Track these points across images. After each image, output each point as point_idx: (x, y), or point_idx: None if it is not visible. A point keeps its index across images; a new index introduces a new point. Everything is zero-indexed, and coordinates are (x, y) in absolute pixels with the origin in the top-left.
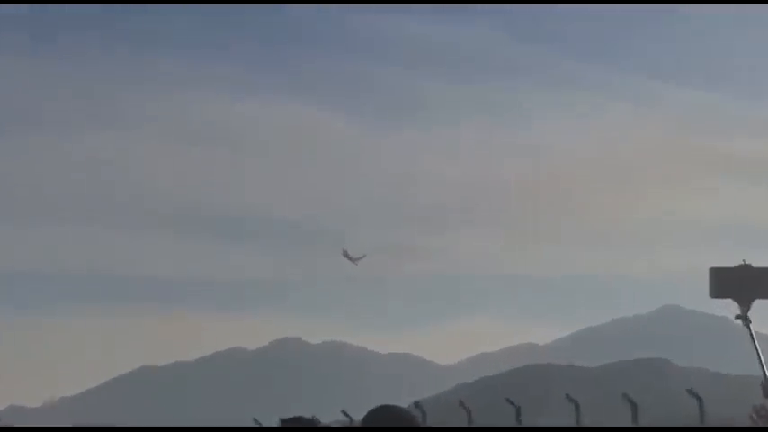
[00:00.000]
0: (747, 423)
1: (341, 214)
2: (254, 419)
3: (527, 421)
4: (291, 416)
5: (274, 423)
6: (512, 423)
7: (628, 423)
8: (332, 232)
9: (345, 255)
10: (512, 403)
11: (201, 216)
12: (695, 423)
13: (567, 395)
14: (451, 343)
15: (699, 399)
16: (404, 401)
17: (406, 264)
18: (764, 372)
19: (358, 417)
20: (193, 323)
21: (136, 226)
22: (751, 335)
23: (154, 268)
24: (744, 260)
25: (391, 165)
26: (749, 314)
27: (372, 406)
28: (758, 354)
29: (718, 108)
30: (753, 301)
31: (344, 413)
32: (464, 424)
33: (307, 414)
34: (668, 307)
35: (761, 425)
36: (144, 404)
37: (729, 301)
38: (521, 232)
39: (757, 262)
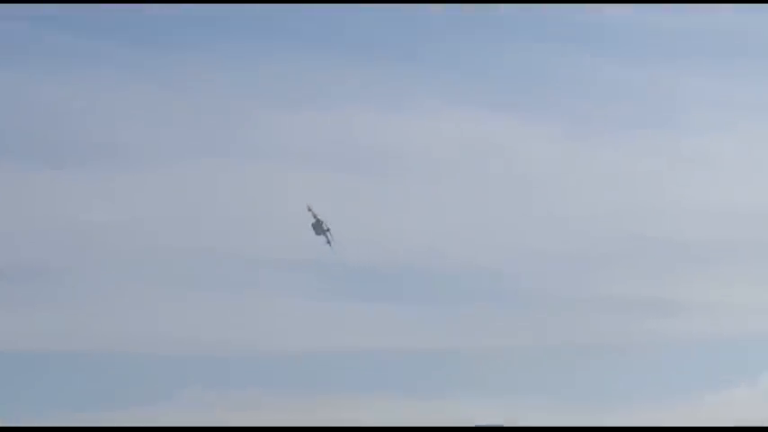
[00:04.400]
0: None
1: (548, 261)
2: None
3: None
4: None
5: None
6: None
7: None
8: (536, 288)
9: (310, 210)
10: None
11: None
12: None
13: None
14: None
15: None
16: None
17: (641, 324)
18: None
19: None
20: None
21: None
22: None
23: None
24: None
25: (617, 191)
26: None
27: None
28: None
29: None
30: None
31: None
32: None
33: None
34: None
35: None
36: None
37: None
38: None
39: None
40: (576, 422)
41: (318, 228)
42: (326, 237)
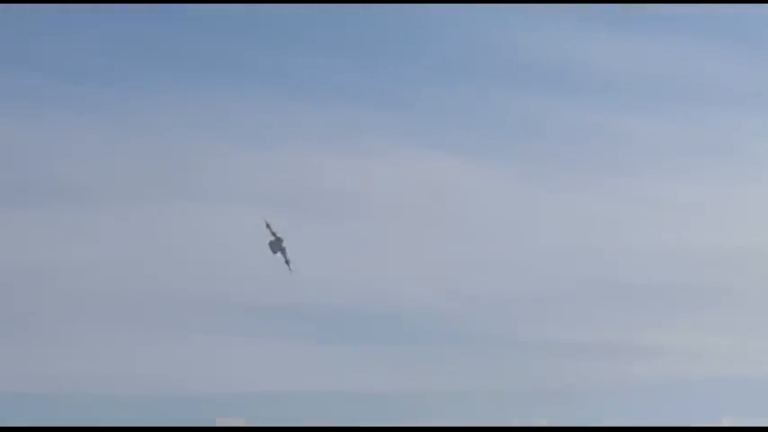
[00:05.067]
0: None
1: (513, 305)
2: None
3: None
4: None
5: None
6: None
7: None
8: (499, 332)
9: (266, 223)
10: None
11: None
12: None
13: None
14: None
15: None
16: None
17: (603, 367)
18: None
19: None
20: None
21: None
22: None
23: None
24: None
25: (579, 235)
26: None
27: None
28: None
29: None
30: None
31: None
32: None
33: None
34: None
35: None
36: None
37: None
38: (760, 319)
39: None
40: None
41: (276, 245)
42: (284, 255)
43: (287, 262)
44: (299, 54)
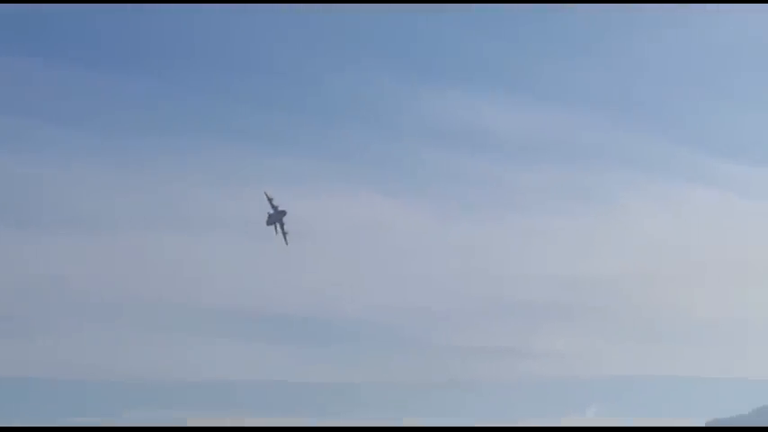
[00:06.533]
0: None
1: (428, 315)
2: None
3: None
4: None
5: None
6: None
7: None
8: (417, 336)
9: (267, 197)
10: None
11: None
12: None
13: None
14: None
15: None
16: None
17: (498, 366)
18: None
19: None
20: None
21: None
22: None
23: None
24: None
25: (480, 261)
26: None
27: None
28: None
29: None
30: None
31: None
32: None
33: None
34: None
35: None
36: None
37: None
38: (620, 330)
39: None
40: None
41: (276, 217)
42: (282, 228)
43: (284, 234)
44: (273, 115)
